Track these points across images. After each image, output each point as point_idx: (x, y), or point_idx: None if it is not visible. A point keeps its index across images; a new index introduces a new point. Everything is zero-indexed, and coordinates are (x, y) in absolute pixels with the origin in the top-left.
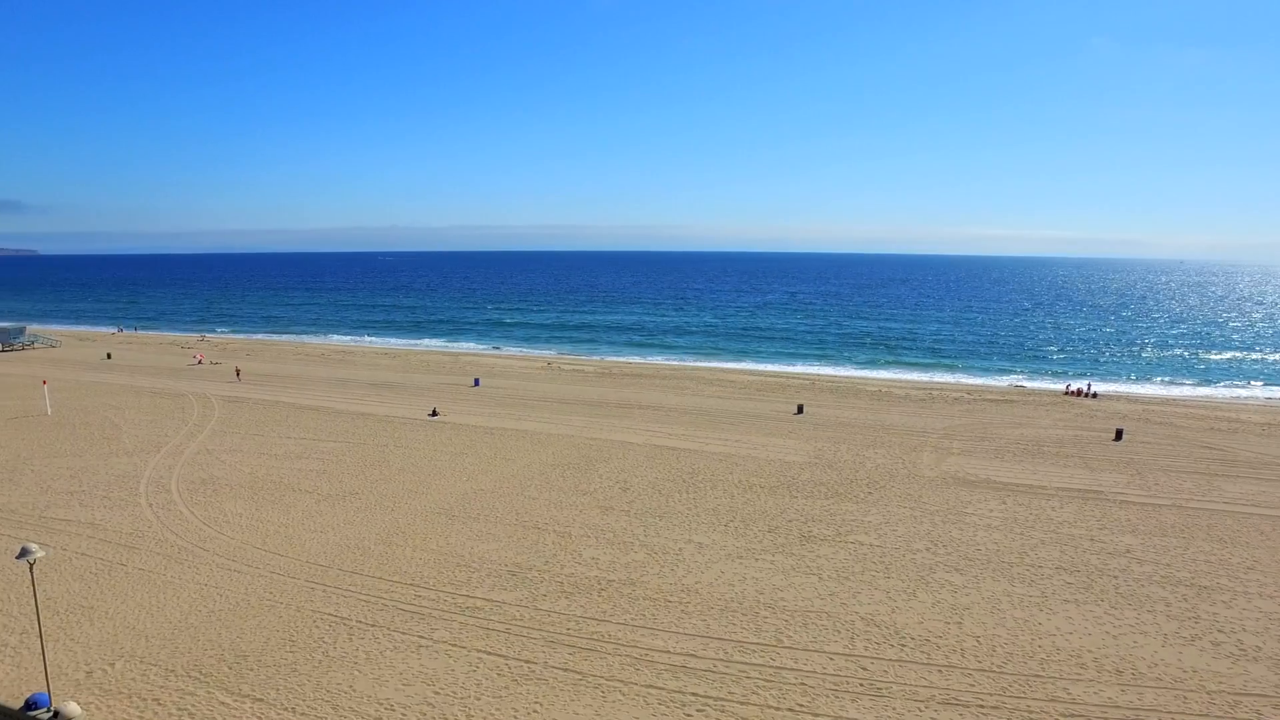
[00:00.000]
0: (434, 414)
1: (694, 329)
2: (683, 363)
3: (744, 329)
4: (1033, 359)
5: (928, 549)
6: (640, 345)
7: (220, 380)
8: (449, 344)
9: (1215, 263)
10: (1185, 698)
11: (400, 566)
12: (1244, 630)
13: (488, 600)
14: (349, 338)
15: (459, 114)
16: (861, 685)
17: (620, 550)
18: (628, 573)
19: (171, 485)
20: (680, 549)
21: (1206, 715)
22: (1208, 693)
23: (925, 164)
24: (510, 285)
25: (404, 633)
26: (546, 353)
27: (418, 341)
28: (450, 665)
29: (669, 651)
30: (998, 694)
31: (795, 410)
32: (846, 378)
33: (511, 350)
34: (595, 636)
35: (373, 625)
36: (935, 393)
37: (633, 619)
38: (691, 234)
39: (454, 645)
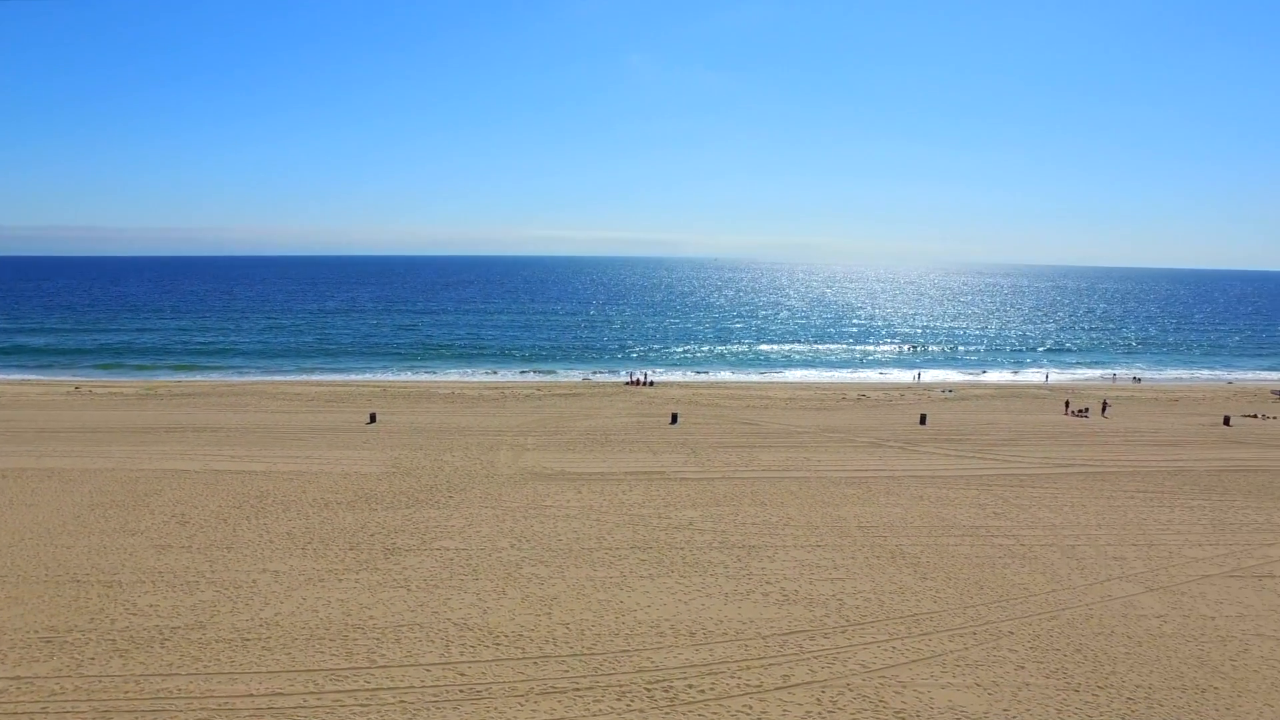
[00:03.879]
0: None
1: (249, 341)
2: (241, 379)
3: (306, 338)
4: (599, 353)
5: (512, 546)
6: (189, 366)
7: None
8: None
9: (747, 260)
10: (746, 645)
11: None
12: (785, 579)
13: (15, 679)
14: None
15: None
16: (461, 691)
17: (184, 592)
18: (195, 616)
19: None
20: (254, 581)
21: (763, 656)
22: (762, 637)
23: (490, 164)
24: (10, 298)
25: None
26: (71, 377)
27: None
28: None
29: (252, 694)
30: (591, 675)
31: (368, 420)
32: (418, 382)
33: (24, 375)
34: (161, 694)
35: None
36: (508, 391)
37: (205, 666)
38: (237, 237)
39: None
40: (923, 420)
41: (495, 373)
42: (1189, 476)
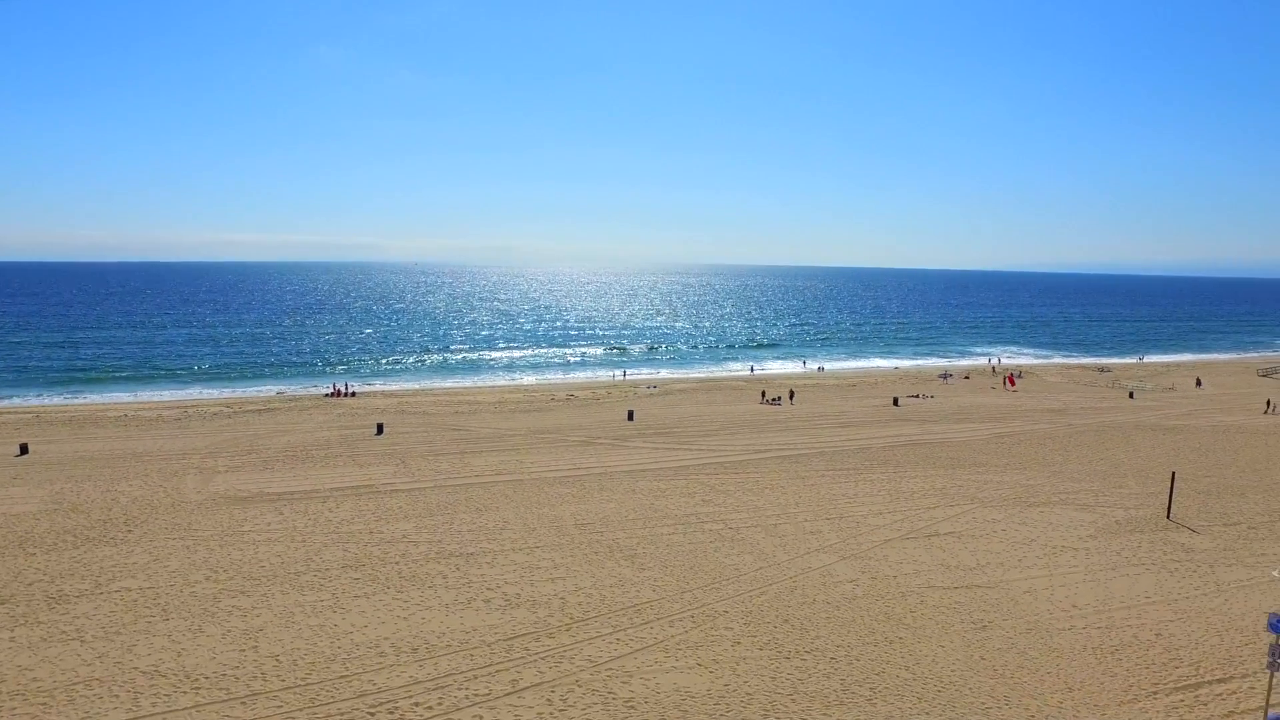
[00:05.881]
0: None
1: None
2: None
3: None
4: (296, 365)
5: (208, 578)
6: None
7: None
8: None
9: (450, 264)
10: (471, 655)
11: None
12: (506, 583)
13: None
14: None
15: None
16: None
17: None
18: None
19: None
20: None
21: (490, 664)
22: (487, 644)
23: (152, 160)
24: None
25: None
26: None
27: None
28: None
29: None
30: (307, 707)
31: (18, 452)
32: (82, 406)
33: None
34: None
35: None
36: (191, 410)
37: None
38: None
39: None
40: (630, 416)
41: (176, 391)
42: (868, 453)
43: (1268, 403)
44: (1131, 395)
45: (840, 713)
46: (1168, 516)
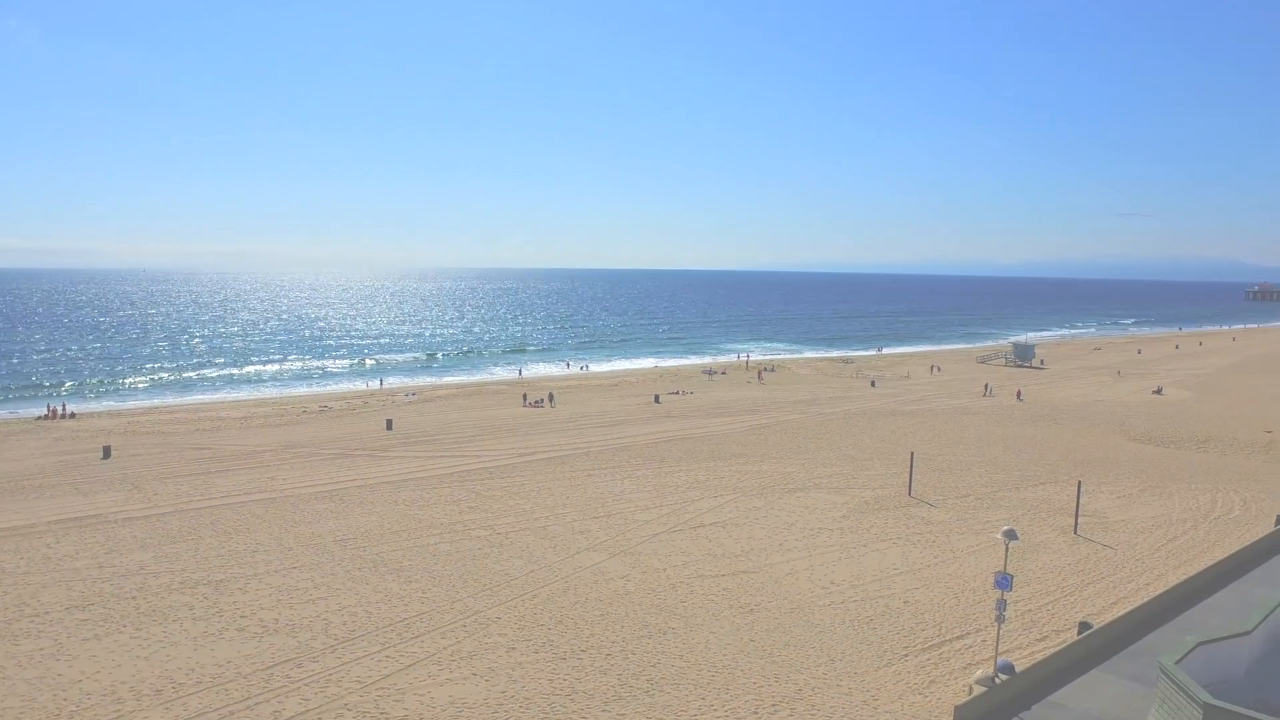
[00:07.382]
0: None
1: None
2: None
3: None
4: None
5: None
6: None
7: None
8: None
9: (180, 270)
10: (226, 690)
11: None
12: (262, 609)
13: None
14: None
15: None
16: None
17: None
18: None
19: None
20: None
21: (248, 697)
22: (244, 676)
23: None
24: None
25: None
26: None
27: None
28: None
29: None
30: None
31: None
32: None
33: None
34: None
35: None
36: None
37: None
38: None
39: None
40: (389, 425)
41: None
42: (633, 451)
43: (985, 386)
44: (873, 384)
45: (619, 707)
46: (909, 493)
